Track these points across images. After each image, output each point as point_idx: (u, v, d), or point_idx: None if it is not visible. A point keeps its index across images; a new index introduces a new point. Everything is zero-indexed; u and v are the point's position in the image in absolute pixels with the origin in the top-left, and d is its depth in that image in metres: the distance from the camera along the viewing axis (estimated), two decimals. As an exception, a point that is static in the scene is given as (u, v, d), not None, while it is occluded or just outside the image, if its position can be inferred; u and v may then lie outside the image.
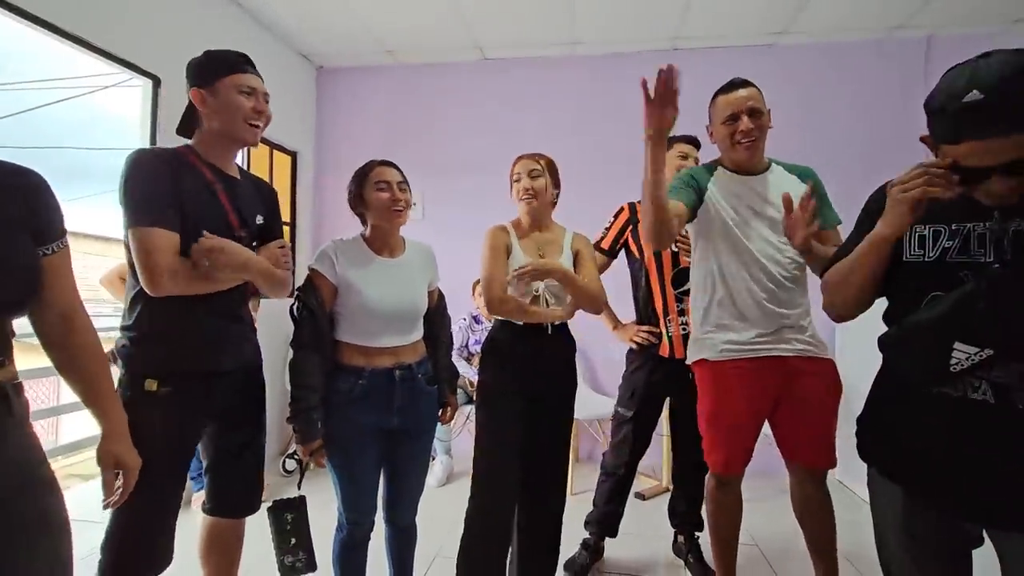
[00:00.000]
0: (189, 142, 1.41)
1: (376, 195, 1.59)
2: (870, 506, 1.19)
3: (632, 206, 2.27)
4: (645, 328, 2.21)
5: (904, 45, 3.50)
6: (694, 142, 2.27)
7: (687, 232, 2.00)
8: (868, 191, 1.22)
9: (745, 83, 1.72)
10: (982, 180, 0.93)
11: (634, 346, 2.25)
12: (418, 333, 1.69)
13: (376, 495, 1.66)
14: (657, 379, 2.18)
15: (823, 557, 1.77)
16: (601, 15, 3.29)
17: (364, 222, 1.68)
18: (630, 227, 2.26)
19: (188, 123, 1.42)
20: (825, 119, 3.56)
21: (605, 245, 2.30)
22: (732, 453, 1.75)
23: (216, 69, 1.36)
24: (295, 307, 1.53)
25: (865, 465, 1.19)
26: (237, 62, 1.39)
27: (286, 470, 3.33)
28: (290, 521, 1.54)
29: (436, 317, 1.80)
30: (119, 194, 1.26)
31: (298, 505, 1.58)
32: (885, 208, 1.05)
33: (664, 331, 2.17)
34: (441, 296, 1.85)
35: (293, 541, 1.53)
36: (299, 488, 1.61)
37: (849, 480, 3.20)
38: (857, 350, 2.99)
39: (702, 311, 1.80)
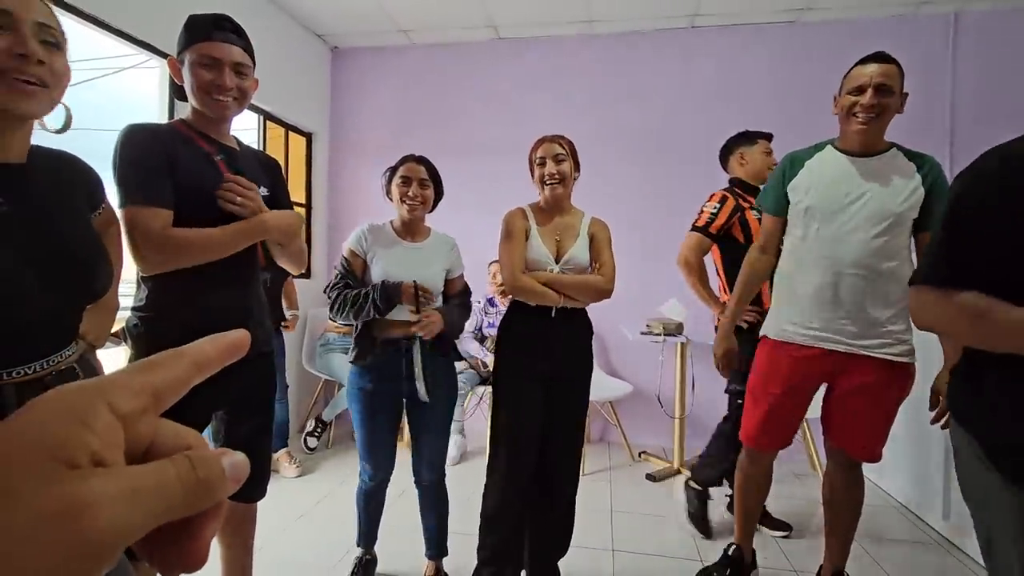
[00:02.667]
0: (184, 116, 1.35)
1: (396, 188, 1.78)
2: (978, 508, 1.04)
3: (735, 194, 2.37)
4: (753, 308, 2.24)
5: (930, 22, 3.39)
6: (770, 138, 2.46)
7: None
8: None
9: (886, 58, 1.59)
10: None
11: (744, 325, 2.24)
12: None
13: (392, 453, 1.87)
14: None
15: (838, 541, 1.79)
16: (618, -8, 3.24)
17: None
18: (738, 214, 2.32)
19: (182, 89, 1.34)
20: (846, 99, 3.48)
21: (713, 229, 2.35)
22: (760, 429, 1.79)
23: (186, 37, 1.27)
24: (334, 276, 1.78)
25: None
26: (203, 29, 1.26)
27: (309, 448, 3.40)
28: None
29: (454, 299, 1.90)
30: (112, 172, 1.21)
31: None
32: None
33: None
34: (466, 287, 1.94)
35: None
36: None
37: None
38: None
39: (774, 289, 1.83)
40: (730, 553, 1.99)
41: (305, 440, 3.39)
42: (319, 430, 3.43)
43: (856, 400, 1.66)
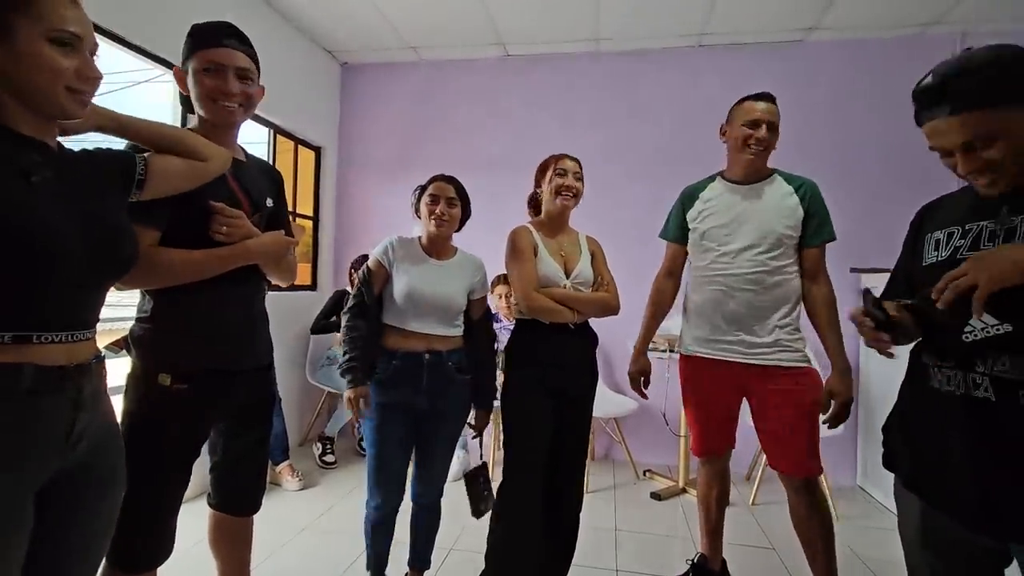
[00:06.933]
0: (192, 126, 1.34)
1: (424, 206, 1.82)
2: (897, 517, 1.16)
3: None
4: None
5: (937, 43, 3.40)
6: None
7: None
8: (895, 193, 1.21)
9: (773, 99, 1.84)
10: (952, 159, 0.98)
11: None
12: (455, 330, 1.81)
13: (403, 480, 1.80)
14: None
15: (815, 564, 1.74)
16: (626, 10, 3.26)
17: None
18: None
19: (189, 101, 1.33)
20: (854, 119, 3.48)
21: None
22: (698, 438, 1.93)
23: (190, 45, 1.27)
24: (357, 283, 1.79)
25: (886, 471, 1.18)
26: (206, 36, 1.27)
27: (329, 464, 3.37)
28: (482, 483, 1.94)
29: (479, 333, 1.88)
30: None
31: (483, 470, 1.97)
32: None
33: None
34: (488, 312, 1.94)
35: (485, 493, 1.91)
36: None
37: (869, 486, 3.14)
38: (882, 362, 2.93)
39: (684, 309, 1.99)
40: (695, 561, 2.02)
41: (323, 461, 3.39)
42: (330, 447, 3.42)
43: (768, 409, 1.76)
